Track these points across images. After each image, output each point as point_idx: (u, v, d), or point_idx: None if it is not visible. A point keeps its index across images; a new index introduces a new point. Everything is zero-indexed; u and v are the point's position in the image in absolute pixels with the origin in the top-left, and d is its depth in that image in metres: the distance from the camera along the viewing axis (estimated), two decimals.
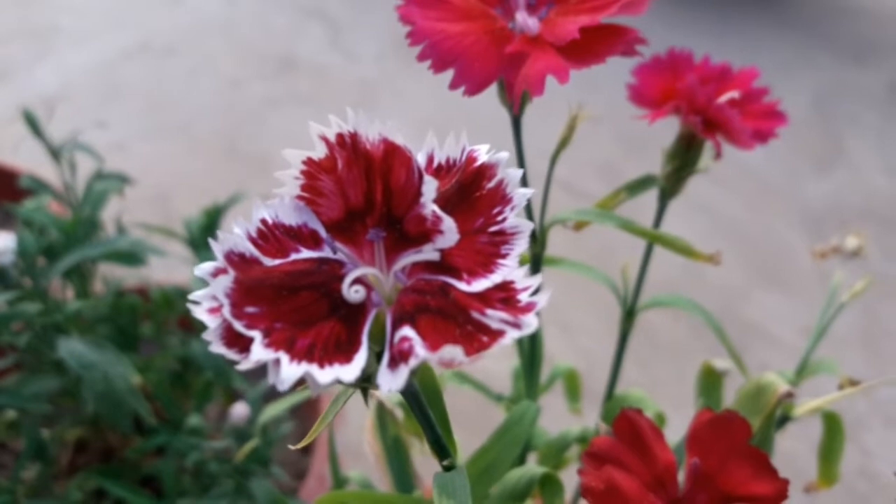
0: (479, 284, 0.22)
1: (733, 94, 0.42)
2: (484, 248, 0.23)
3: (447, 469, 0.31)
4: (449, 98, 0.41)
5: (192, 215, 0.91)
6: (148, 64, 1.81)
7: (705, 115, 0.41)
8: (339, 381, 0.20)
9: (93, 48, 1.84)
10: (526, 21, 0.34)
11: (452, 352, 0.19)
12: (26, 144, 0.97)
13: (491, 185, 0.23)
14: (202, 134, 1.60)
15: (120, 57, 1.82)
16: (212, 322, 0.21)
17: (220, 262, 0.22)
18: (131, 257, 0.86)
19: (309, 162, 0.23)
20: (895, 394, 1.20)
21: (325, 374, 0.20)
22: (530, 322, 0.20)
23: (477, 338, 0.21)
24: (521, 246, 0.22)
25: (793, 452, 0.81)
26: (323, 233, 0.23)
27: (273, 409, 0.64)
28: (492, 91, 0.35)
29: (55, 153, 0.91)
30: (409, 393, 0.28)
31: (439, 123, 1.60)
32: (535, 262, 0.45)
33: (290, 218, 0.23)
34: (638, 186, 0.45)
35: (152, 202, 1.40)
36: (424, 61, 0.33)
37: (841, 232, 0.62)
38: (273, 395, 0.78)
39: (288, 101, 1.72)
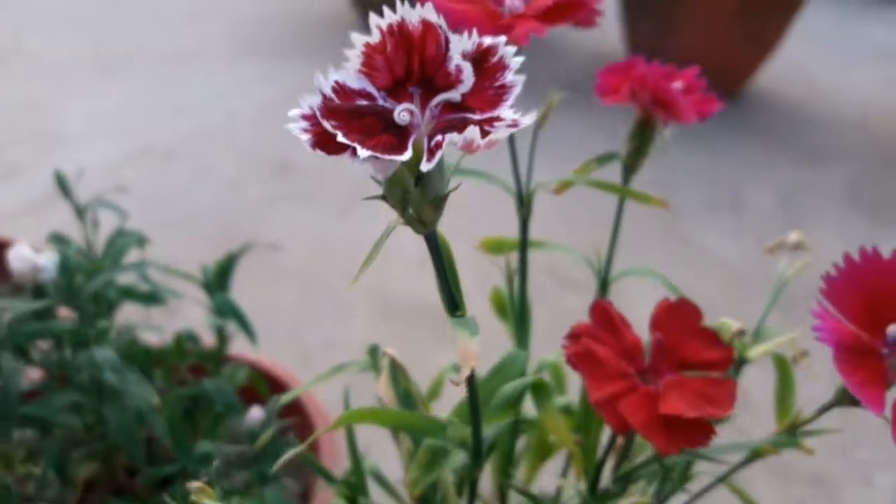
0: (487, 115, 0.32)
1: (678, 83, 0.53)
2: (490, 97, 0.33)
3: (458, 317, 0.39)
4: None
5: (208, 263, 1.00)
6: (150, 167, 1.94)
7: (654, 95, 0.52)
8: (396, 162, 0.30)
9: (97, 152, 1.98)
10: (514, 3, 0.45)
11: (473, 132, 0.29)
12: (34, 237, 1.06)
13: (494, 59, 0.33)
14: (202, 228, 1.70)
15: (123, 161, 1.95)
16: (304, 137, 0.31)
17: (305, 110, 0.32)
18: (150, 297, 0.94)
19: (367, 45, 0.34)
20: (871, 454, 1.26)
21: (387, 157, 0.30)
22: (525, 121, 0.30)
23: (489, 134, 0.30)
24: (515, 93, 0.32)
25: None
26: (377, 93, 0.33)
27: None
28: None
29: (81, 212, 1.01)
30: (433, 247, 0.37)
31: None
32: (524, 224, 0.54)
33: (354, 83, 0.33)
34: (605, 159, 0.55)
35: None
36: None
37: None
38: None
39: (285, 199, 1.84)
